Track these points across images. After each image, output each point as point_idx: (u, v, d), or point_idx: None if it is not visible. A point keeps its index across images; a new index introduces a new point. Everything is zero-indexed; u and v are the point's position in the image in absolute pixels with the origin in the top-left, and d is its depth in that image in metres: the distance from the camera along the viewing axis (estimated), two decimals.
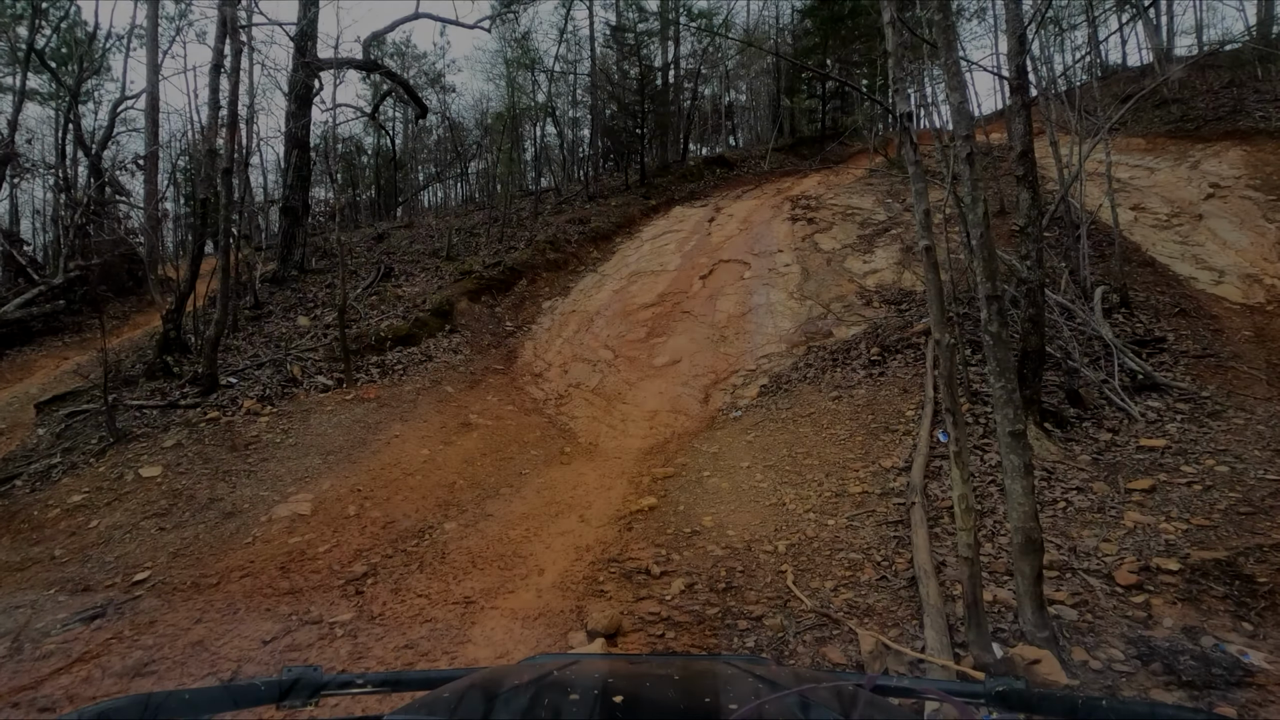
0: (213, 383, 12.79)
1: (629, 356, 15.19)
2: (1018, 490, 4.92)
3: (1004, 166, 21.50)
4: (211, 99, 14.12)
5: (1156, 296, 13.62)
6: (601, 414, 13.24)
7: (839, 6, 34.54)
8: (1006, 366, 4.94)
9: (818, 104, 39.42)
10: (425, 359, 15.01)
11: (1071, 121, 15.39)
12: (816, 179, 28.91)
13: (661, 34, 36.74)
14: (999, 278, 5.12)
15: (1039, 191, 9.23)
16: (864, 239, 19.31)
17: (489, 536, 8.07)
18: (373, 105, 32.13)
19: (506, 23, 34.70)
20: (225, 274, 13.52)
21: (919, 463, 8.47)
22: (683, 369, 14.20)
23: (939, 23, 5.37)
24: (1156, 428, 9.28)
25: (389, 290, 18.76)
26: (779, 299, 16.51)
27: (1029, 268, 9.00)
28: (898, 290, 15.67)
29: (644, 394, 13.57)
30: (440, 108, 40.22)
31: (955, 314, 11.36)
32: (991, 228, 4.81)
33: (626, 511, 8.59)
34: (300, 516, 8.62)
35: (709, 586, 6.38)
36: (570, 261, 22.35)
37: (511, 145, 34.18)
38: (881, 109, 36.17)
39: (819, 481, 8.67)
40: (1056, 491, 7.75)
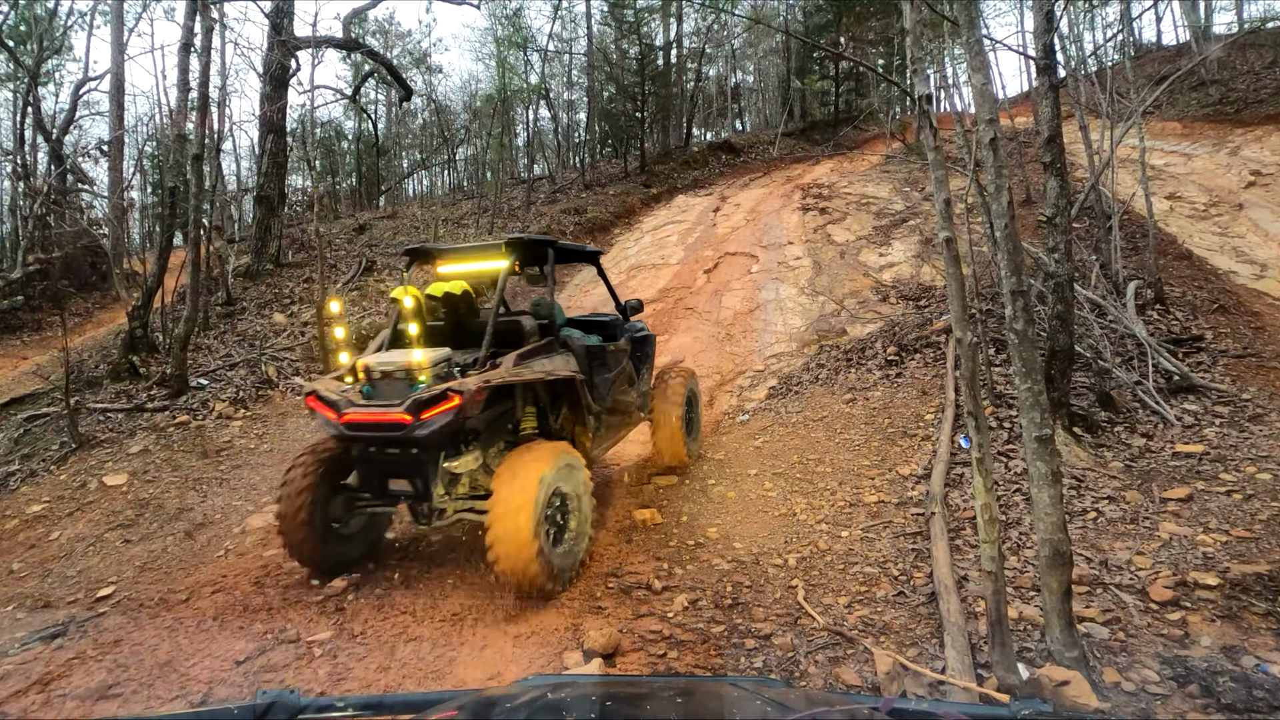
0: (182, 384, 12.78)
1: None
2: (1045, 499, 4.85)
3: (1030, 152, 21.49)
4: (181, 80, 14.11)
5: (1193, 292, 13.60)
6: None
7: None
8: (1033, 367, 4.86)
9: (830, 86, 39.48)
10: None
11: (1102, 104, 15.25)
12: (829, 166, 28.98)
13: (663, 10, 36.76)
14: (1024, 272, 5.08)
15: (1067, 179, 9.13)
16: (880, 230, 19.34)
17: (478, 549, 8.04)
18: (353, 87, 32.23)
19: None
20: (195, 268, 13.52)
21: (939, 470, 8.43)
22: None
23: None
24: (1194, 432, 9.20)
25: (371, 285, 18.76)
26: (789, 295, 16.52)
27: (1057, 261, 8.91)
28: (916, 285, 15.67)
29: None
30: (426, 90, 40.38)
31: (978, 311, 11.37)
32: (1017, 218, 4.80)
33: (625, 522, 8.57)
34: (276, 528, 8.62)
35: (714, 602, 6.34)
36: None
37: (502, 130, 34.22)
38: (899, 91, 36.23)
39: (832, 490, 8.64)
40: (1086, 501, 7.69)
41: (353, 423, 6.56)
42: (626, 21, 34.56)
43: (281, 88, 20.74)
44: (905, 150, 27.04)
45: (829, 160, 29.88)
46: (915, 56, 5.42)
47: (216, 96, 19.14)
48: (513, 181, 36.14)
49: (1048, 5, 8.63)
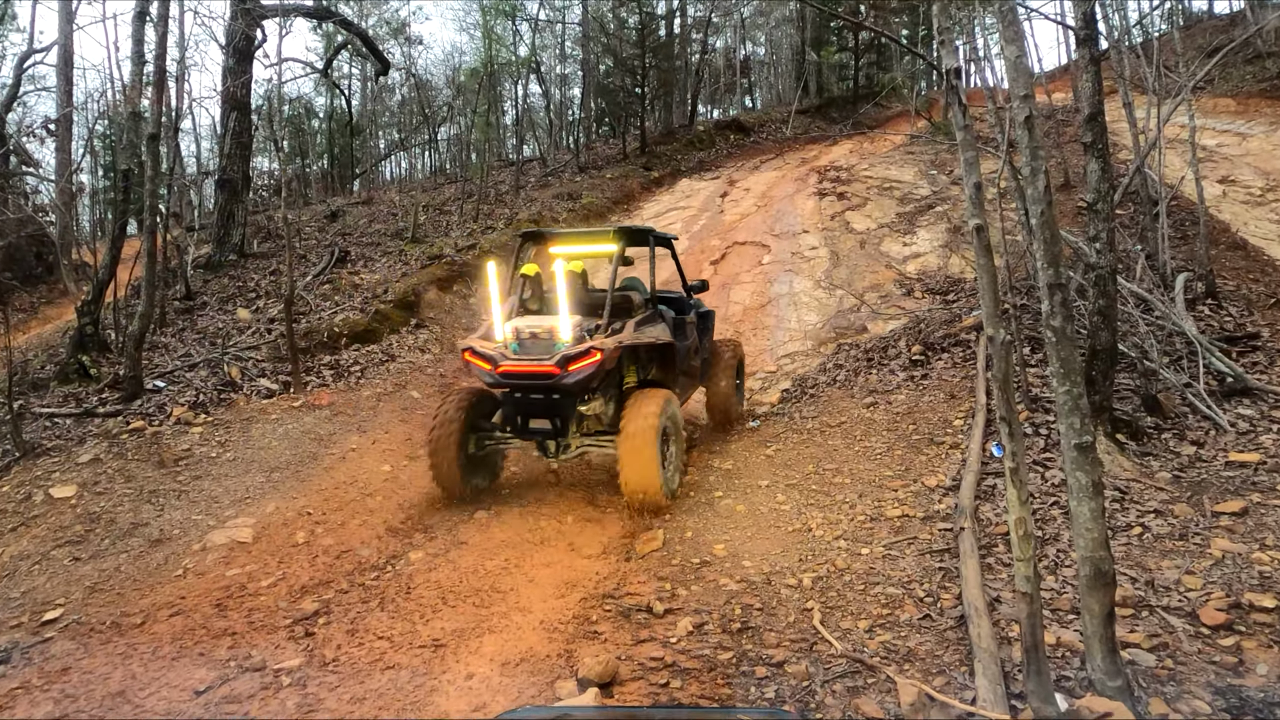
0: (137, 387, 12.77)
1: None
2: (1085, 513, 4.82)
3: (1069, 132, 21.52)
4: (135, 52, 14.10)
5: (1249, 285, 13.56)
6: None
7: None
8: (1072, 367, 4.83)
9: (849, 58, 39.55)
10: (387, 359, 15.03)
11: (1148, 79, 15.00)
12: (848, 146, 29.05)
13: None
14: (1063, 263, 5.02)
15: (1110, 161, 9.14)
16: (904, 217, 19.40)
17: (462, 568, 8.06)
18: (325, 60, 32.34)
19: None
20: (151, 259, 13.51)
21: (968, 481, 8.37)
22: None
23: None
24: (1249, 440, 9.11)
25: (344, 278, 18.78)
26: (804, 288, 16.57)
27: (1098, 251, 8.88)
28: (943, 278, 15.72)
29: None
30: (405, 63, 40.41)
31: (1011, 306, 11.25)
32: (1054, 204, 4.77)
33: (624, 539, 8.58)
34: (240, 544, 8.63)
35: (721, 627, 6.35)
36: None
37: (489, 107, 34.26)
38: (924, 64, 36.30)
39: (851, 503, 8.61)
40: (1131, 515, 7.63)
41: (508, 373, 9.22)
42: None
43: (246, 61, 20.72)
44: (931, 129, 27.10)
45: (848, 140, 29.93)
46: (943, 26, 5.40)
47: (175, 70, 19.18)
48: (500, 164, 36.16)
49: None
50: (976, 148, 5.19)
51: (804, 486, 9.21)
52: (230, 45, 20.66)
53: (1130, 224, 15.11)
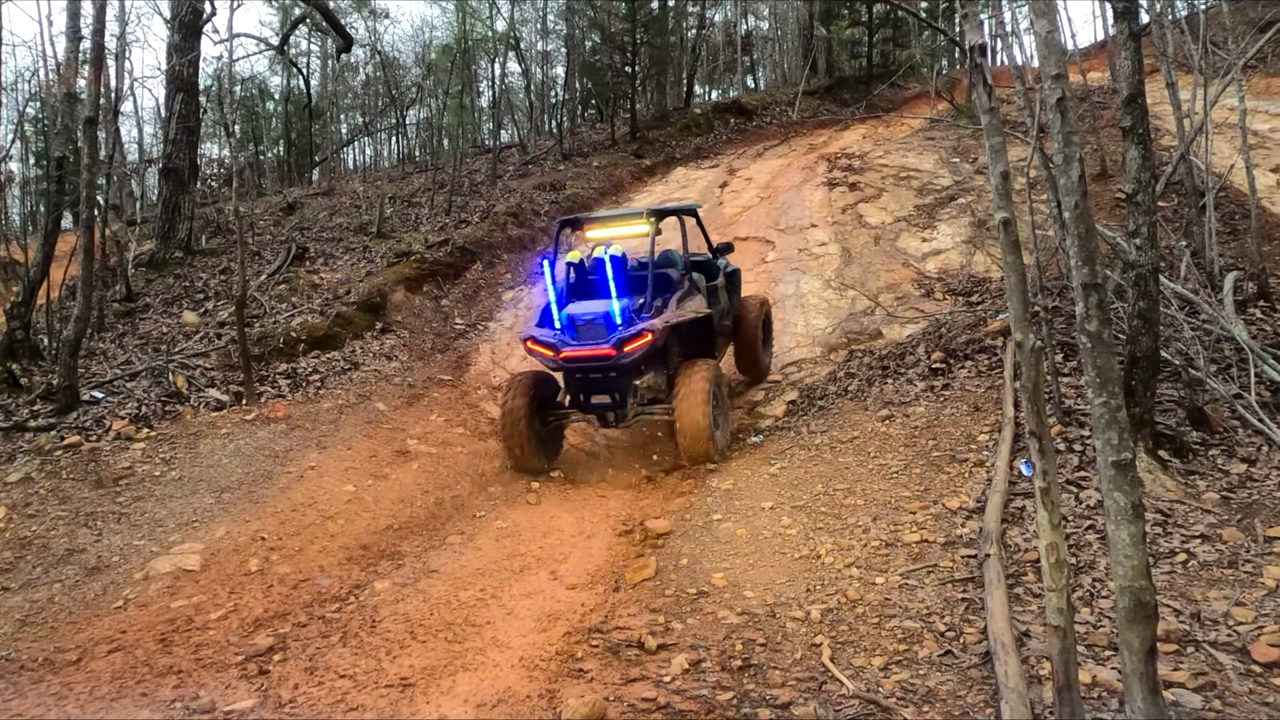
0: (72, 398, 12.73)
1: None
2: (1124, 538, 4.63)
3: (1106, 115, 21.54)
4: (71, 27, 14.08)
5: None
6: (579, 439, 13.26)
7: None
8: (1109, 377, 4.66)
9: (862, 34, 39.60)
10: (350, 367, 15.00)
11: (1194, 57, 14.97)
12: (861, 131, 29.16)
13: None
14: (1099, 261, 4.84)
15: (1151, 148, 9.02)
16: (923, 210, 19.43)
17: (433, 599, 8.05)
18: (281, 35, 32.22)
19: None
20: (88, 256, 13.49)
21: (995, 502, 8.28)
22: None
23: None
24: None
25: (302, 277, 18.77)
26: (812, 289, 16.61)
27: (1139, 248, 8.76)
28: (967, 277, 15.75)
29: None
30: (370, 38, 40.37)
31: (1042, 308, 11.12)
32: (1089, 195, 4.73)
33: (612, 567, 8.57)
34: (186, 573, 8.61)
35: (720, 664, 6.33)
36: (539, 239, 22.46)
37: (462, 88, 34.06)
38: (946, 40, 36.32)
39: (864, 527, 8.55)
40: (1175, 540, 7.54)
41: (569, 357, 11.30)
42: None
43: (193, 36, 20.70)
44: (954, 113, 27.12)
45: (860, 124, 30.03)
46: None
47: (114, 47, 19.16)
48: (475, 150, 36.18)
49: None
50: (1004, 133, 5.09)
51: (812, 508, 9.14)
52: (176, 19, 20.64)
53: (1174, 217, 15.21)
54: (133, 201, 26.56)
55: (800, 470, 10.28)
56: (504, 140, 36.32)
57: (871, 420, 11.20)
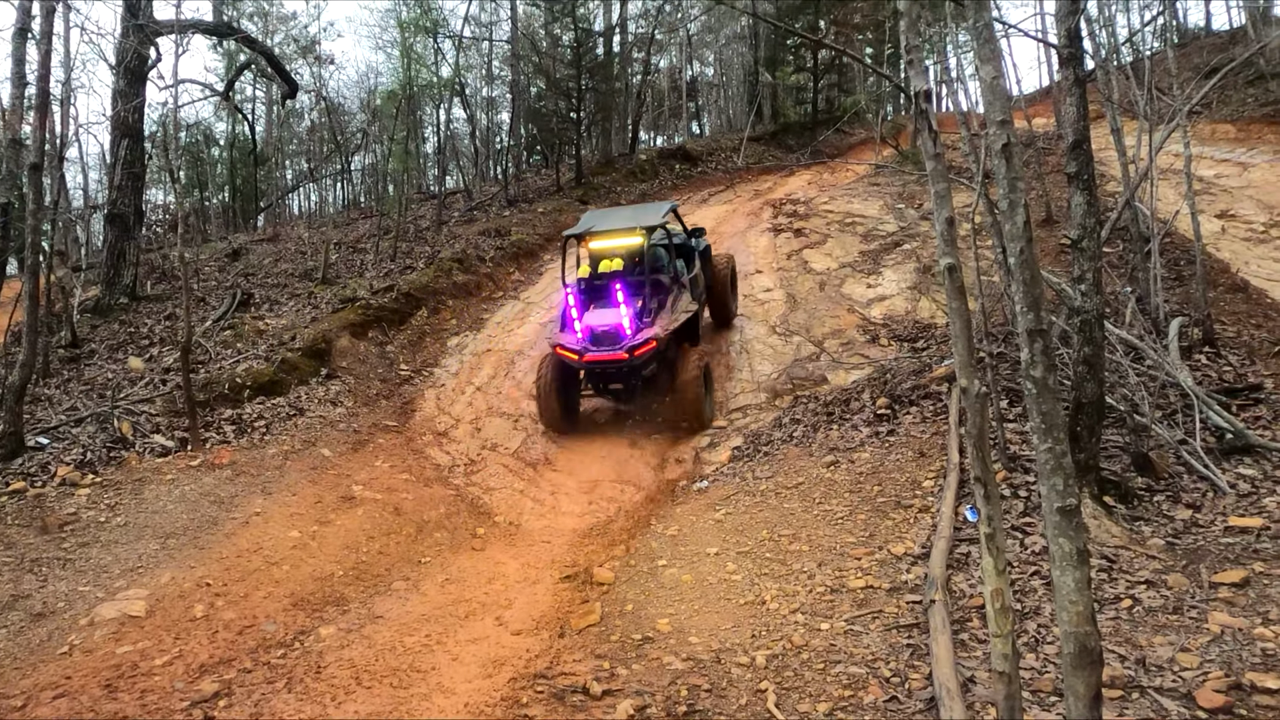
0: (17, 444, 12.68)
1: None
2: (1069, 584, 4.62)
3: (1051, 161, 21.79)
4: (15, 73, 14.07)
5: (1251, 331, 13.54)
6: (525, 484, 13.28)
7: None
8: (1054, 423, 4.66)
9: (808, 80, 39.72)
10: (295, 413, 15.02)
11: (1139, 102, 14.68)
12: (806, 177, 29.32)
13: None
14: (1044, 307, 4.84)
15: (1096, 194, 9.06)
16: (868, 256, 19.60)
17: (378, 645, 8.06)
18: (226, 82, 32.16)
19: None
20: (34, 302, 13.44)
21: (940, 548, 8.30)
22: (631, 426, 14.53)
23: None
24: (1251, 502, 9.00)
25: (248, 323, 18.74)
26: (757, 335, 16.75)
27: (1084, 293, 8.77)
28: (912, 323, 15.88)
29: (582, 459, 13.71)
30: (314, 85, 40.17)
31: (987, 354, 10.99)
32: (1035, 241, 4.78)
33: (557, 613, 8.60)
34: (132, 619, 8.59)
35: (666, 710, 6.34)
36: (484, 285, 22.59)
37: (407, 134, 33.83)
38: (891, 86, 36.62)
39: (809, 573, 8.57)
40: (1120, 586, 7.55)
41: (591, 361, 14.10)
42: (559, 1, 34.29)
43: (139, 82, 20.69)
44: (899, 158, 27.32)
45: (806, 170, 30.17)
46: (911, 44, 5.27)
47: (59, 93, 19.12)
48: (420, 196, 36.25)
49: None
50: (949, 179, 5.14)
51: (757, 554, 9.16)
52: (121, 65, 20.61)
53: (1119, 263, 15.34)
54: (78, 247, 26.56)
55: (745, 516, 10.28)
56: (449, 186, 36.48)
57: (817, 466, 11.22)
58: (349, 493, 12.34)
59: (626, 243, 15.62)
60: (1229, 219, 18.92)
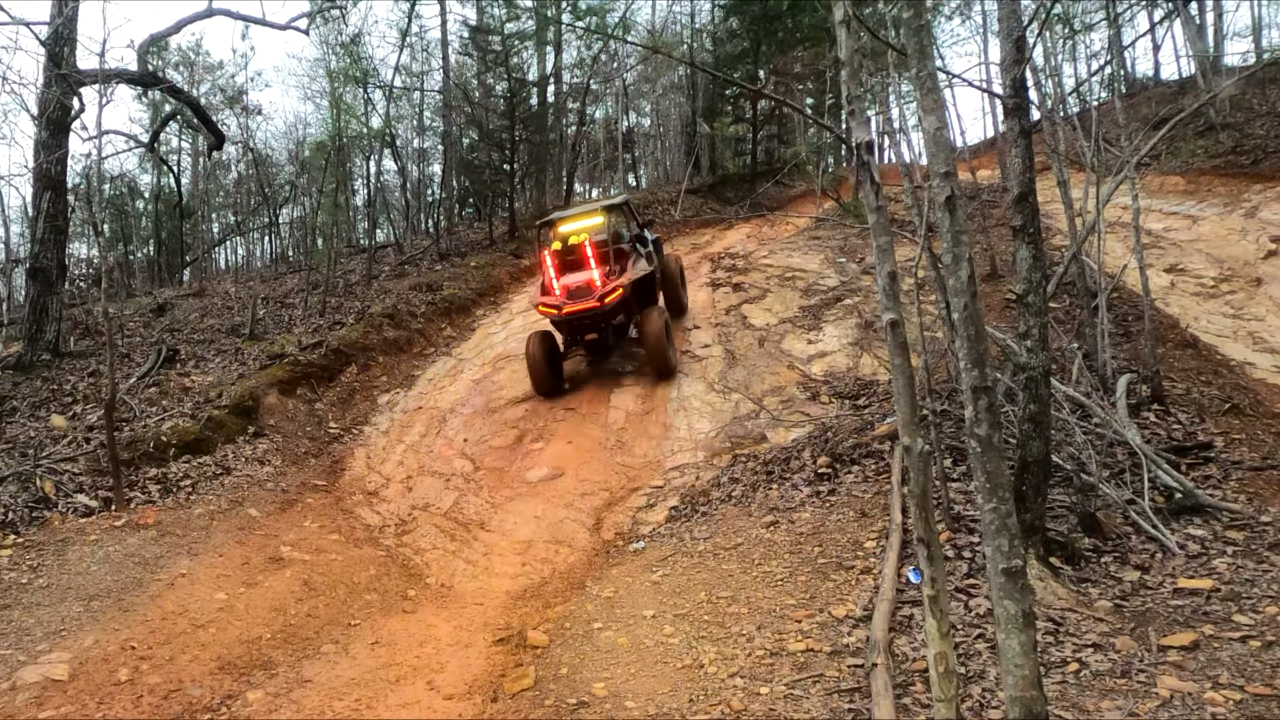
0: None
1: (494, 469, 15.38)
2: (1014, 647, 4.62)
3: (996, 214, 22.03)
4: None
5: (1200, 388, 13.55)
6: (458, 546, 13.24)
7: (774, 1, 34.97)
8: (999, 482, 4.68)
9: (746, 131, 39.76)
10: (222, 472, 14.99)
11: (1086, 154, 14.86)
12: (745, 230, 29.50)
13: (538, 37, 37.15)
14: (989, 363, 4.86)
15: (1043, 248, 9.07)
16: (809, 311, 19.77)
17: (306, 710, 8.04)
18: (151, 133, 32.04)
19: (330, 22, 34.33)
20: None
21: (882, 611, 8.20)
22: (566, 485, 14.35)
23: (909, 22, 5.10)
24: (1201, 564, 9.00)
25: (173, 380, 18.69)
26: (695, 392, 16.84)
27: (1029, 350, 8.71)
28: (853, 380, 15.96)
29: (514, 519, 13.63)
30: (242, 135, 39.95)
31: (930, 412, 10.93)
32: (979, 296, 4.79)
33: (490, 676, 8.60)
34: (54, 682, 8.56)
35: None
36: (415, 341, 22.71)
37: (337, 186, 34.02)
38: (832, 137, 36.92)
39: (748, 636, 8.52)
40: (1066, 649, 7.46)
41: (569, 313, 17.08)
42: (492, 51, 34.13)
43: (61, 133, 20.63)
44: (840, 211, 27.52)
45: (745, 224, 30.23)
46: (853, 94, 5.30)
47: None
48: (350, 250, 36.33)
49: (1018, 31, 8.49)
50: (891, 232, 5.17)
51: (695, 617, 9.12)
52: (44, 116, 20.56)
53: (1066, 319, 15.48)
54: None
55: (683, 578, 10.23)
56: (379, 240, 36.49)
57: (756, 526, 11.20)
58: (277, 554, 12.33)
59: (591, 223, 19.30)
60: (1178, 273, 19.11)
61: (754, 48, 36.43)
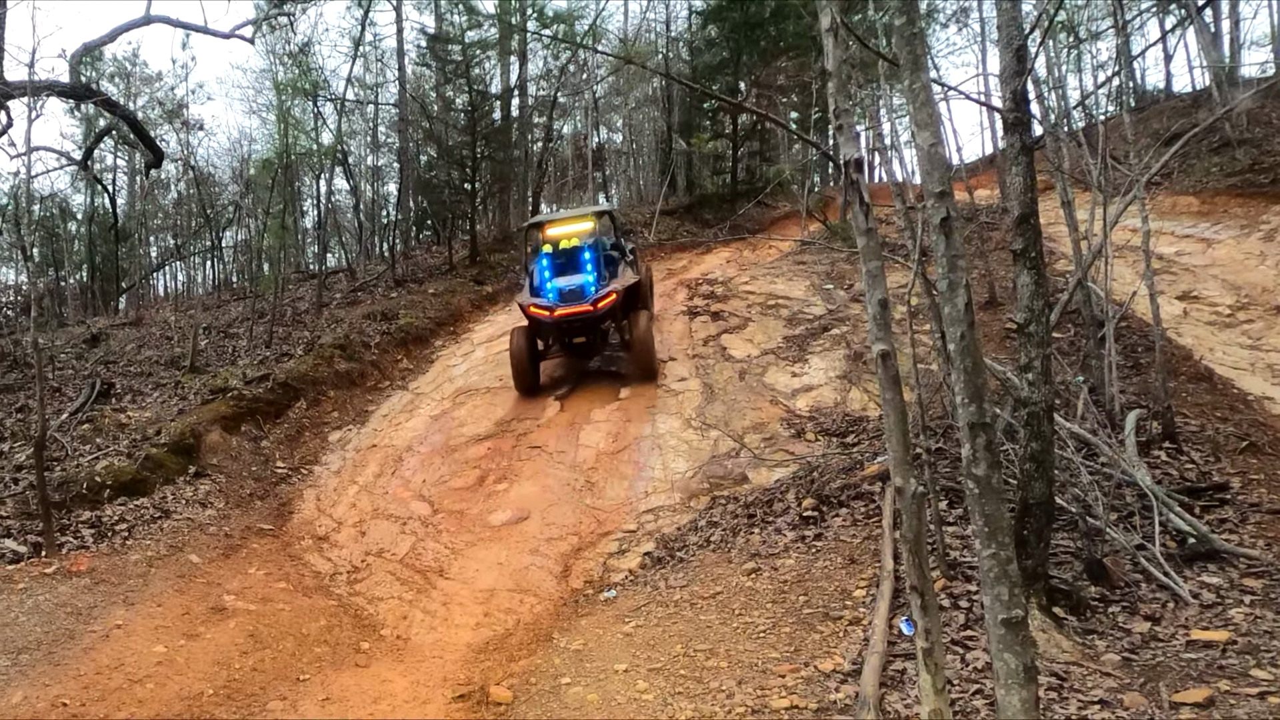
0: None
1: (454, 511, 15.28)
2: (1015, 704, 4.56)
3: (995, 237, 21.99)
4: None
5: (1215, 424, 13.37)
6: (415, 594, 13.18)
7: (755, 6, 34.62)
8: (999, 526, 4.66)
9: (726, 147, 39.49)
10: (161, 515, 14.86)
11: (1092, 172, 14.37)
12: (725, 255, 29.56)
13: (501, 46, 36.76)
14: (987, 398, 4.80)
15: (1045, 273, 8.93)
16: (793, 342, 19.78)
17: None
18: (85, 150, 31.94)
19: (277, 30, 34.30)
20: None
21: (872, 665, 8.07)
22: (532, 529, 14.27)
23: (901, 30, 5.05)
24: (1216, 614, 8.86)
25: (108, 416, 18.61)
26: (671, 428, 16.81)
27: (1031, 383, 8.59)
28: (841, 416, 15.95)
29: (476, 565, 13.59)
30: (182, 152, 40.13)
31: (924, 450, 10.74)
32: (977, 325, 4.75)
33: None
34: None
35: None
36: (369, 374, 22.72)
37: (284, 206, 33.41)
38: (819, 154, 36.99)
39: (728, 692, 8.41)
40: (1071, 706, 7.28)
41: (561, 315, 18.35)
42: (452, 61, 34.00)
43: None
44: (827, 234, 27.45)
45: (724, 247, 30.41)
46: (841, 108, 5.26)
47: None
48: (299, 276, 36.16)
49: (1019, 40, 8.39)
50: (882, 256, 5.16)
51: (671, 671, 9.05)
52: None
53: (1070, 350, 15.45)
54: None
55: (658, 629, 10.15)
56: (331, 264, 36.39)
57: (736, 574, 11.13)
58: (220, 603, 12.25)
59: (580, 227, 20.57)
60: (1192, 301, 19.03)
61: (734, 58, 36.25)
